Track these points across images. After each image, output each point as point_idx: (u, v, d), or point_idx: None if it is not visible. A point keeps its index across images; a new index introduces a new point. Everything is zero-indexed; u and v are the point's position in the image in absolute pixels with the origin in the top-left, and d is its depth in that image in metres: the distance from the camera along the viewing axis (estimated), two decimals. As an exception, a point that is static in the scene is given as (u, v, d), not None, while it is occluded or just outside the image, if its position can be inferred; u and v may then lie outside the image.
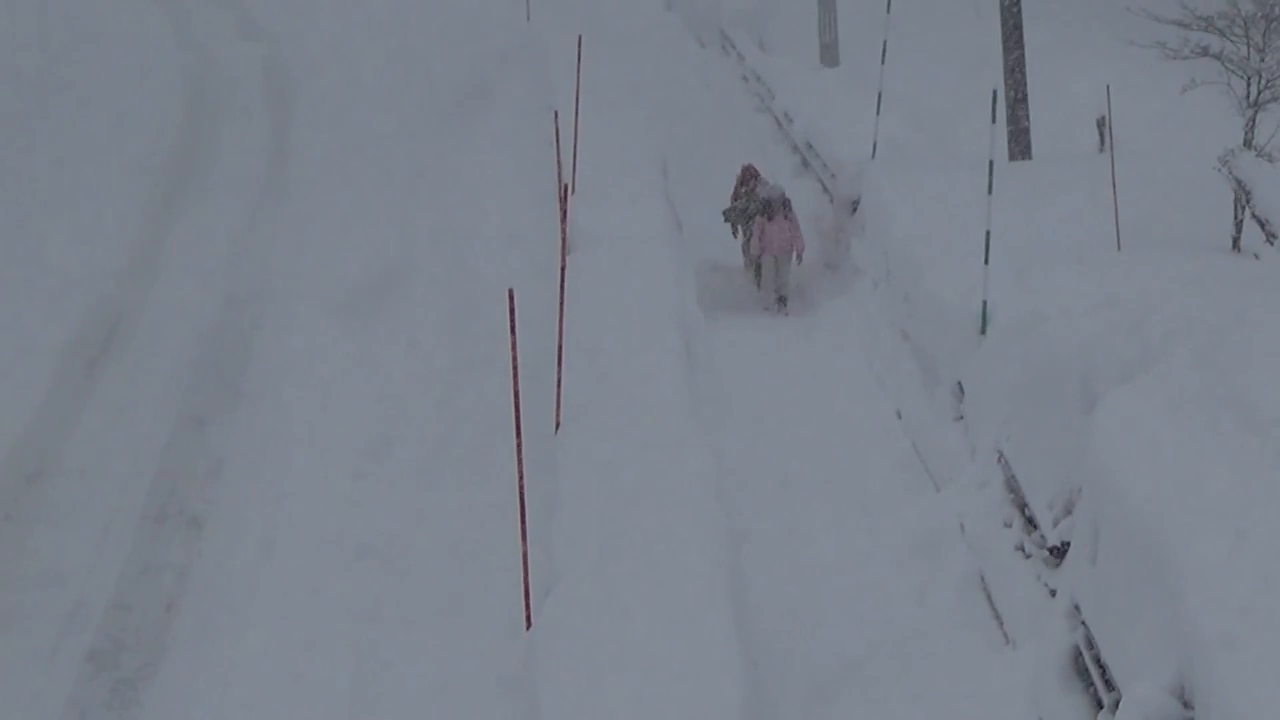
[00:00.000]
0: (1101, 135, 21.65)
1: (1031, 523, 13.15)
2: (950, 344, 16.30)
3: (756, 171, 21.81)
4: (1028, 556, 13.01)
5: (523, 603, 11.27)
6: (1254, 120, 17.49)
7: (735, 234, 21.61)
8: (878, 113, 22.16)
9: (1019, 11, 21.60)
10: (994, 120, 16.47)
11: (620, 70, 27.11)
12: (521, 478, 11.31)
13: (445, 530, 14.16)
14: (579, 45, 20.44)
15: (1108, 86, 19.02)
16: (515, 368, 11.24)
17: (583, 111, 19.54)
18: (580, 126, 19.38)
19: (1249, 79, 17.49)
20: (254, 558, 13.69)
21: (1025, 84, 21.57)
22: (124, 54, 29.74)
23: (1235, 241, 16.91)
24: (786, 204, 20.65)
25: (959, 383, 16.00)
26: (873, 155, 21.99)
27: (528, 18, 31.44)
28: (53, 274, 19.39)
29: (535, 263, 18.77)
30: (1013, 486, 13.74)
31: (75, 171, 23.39)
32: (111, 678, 12.29)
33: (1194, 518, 9.71)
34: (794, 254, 20.63)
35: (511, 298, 11.10)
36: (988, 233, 15.88)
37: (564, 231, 15.22)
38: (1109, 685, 10.44)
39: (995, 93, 16.78)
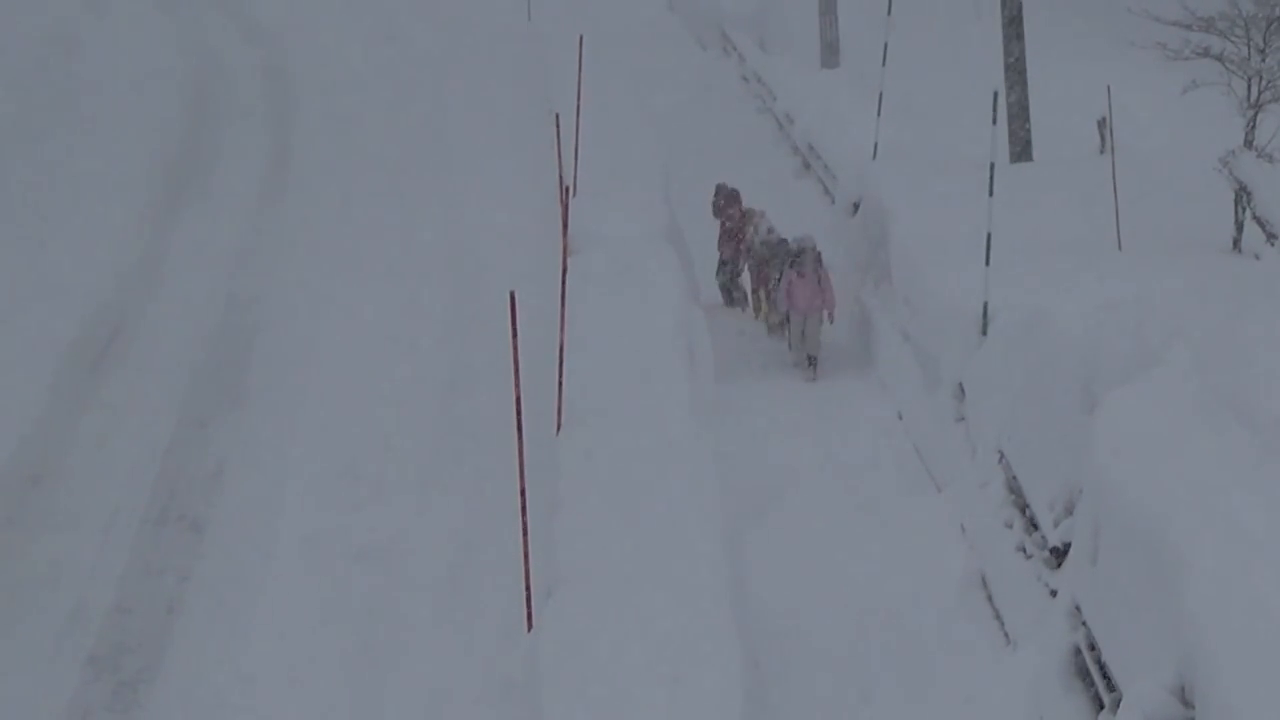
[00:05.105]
0: (1102, 136, 21.65)
1: (1032, 523, 13.16)
2: (951, 345, 16.30)
3: (732, 191, 21.48)
4: (1029, 557, 13.01)
5: (524, 604, 11.27)
6: (1254, 121, 17.51)
7: (735, 276, 21.33)
8: (879, 114, 22.16)
9: (1020, 13, 21.61)
10: (995, 122, 16.47)
11: (621, 71, 27.10)
12: (522, 479, 11.31)
13: (446, 532, 14.16)
14: (580, 46, 20.43)
15: (1108, 87, 19.03)
16: (516, 369, 11.24)
17: (583, 113, 19.53)
18: (581, 128, 19.38)
19: (1249, 80, 17.51)
20: (255, 560, 13.70)
21: (1026, 85, 21.57)
22: (124, 57, 29.75)
23: (1236, 242, 16.93)
24: (818, 258, 19.24)
25: (960, 383, 16.00)
26: (874, 157, 21.99)
27: (528, 18, 31.45)
28: (54, 277, 19.41)
29: (536, 264, 18.76)
30: (1013, 487, 13.74)
31: (77, 175, 23.40)
32: (113, 680, 12.30)
33: (1194, 518, 9.71)
34: (824, 313, 19.11)
35: (513, 300, 11.11)
36: (989, 234, 15.88)
37: (565, 233, 15.22)
38: (1110, 685, 10.45)
39: (996, 94, 16.77)
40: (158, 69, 29.00)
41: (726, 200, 21.51)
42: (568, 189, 16.96)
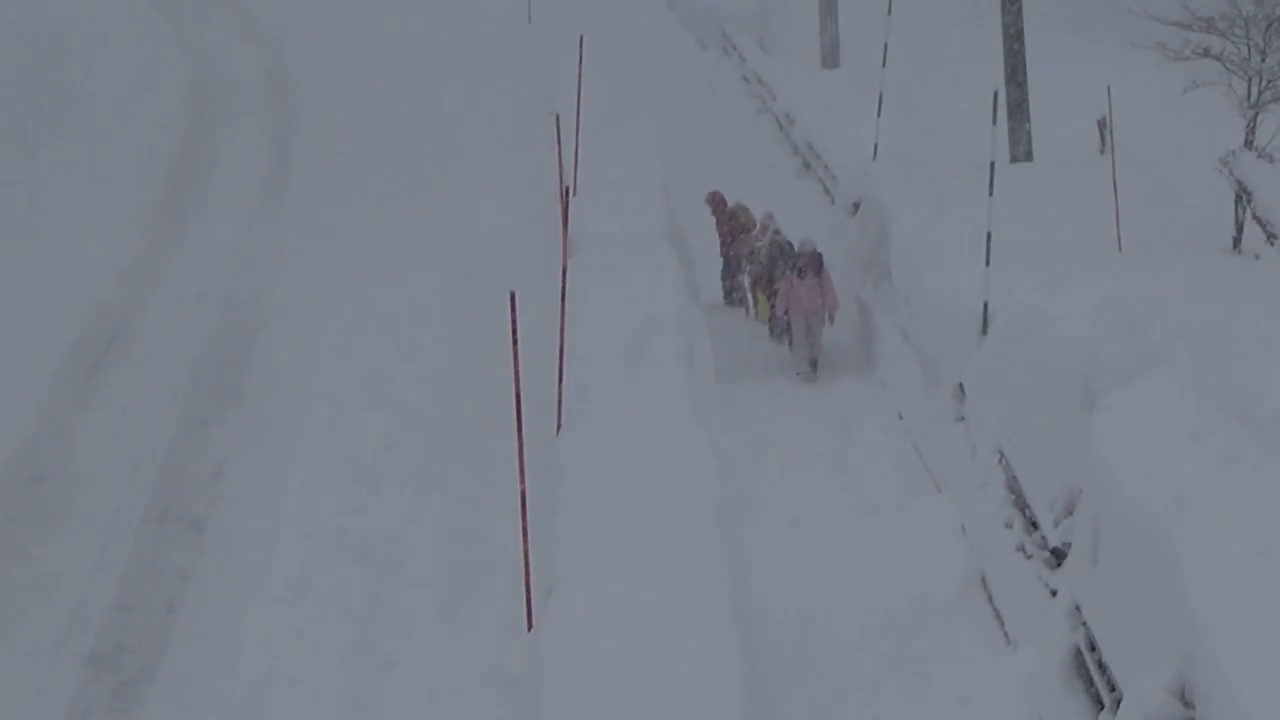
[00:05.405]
0: (1102, 137, 21.65)
1: (1032, 523, 13.16)
2: (951, 345, 16.29)
3: (723, 198, 21.54)
4: (1029, 557, 13.00)
5: (524, 604, 11.28)
6: (1255, 121, 17.50)
7: (731, 276, 21.32)
8: (879, 114, 22.14)
9: (1020, 14, 21.61)
10: (995, 122, 16.46)
11: (621, 71, 27.11)
12: (522, 479, 11.32)
13: (446, 531, 14.17)
14: (580, 46, 20.43)
15: (1108, 88, 19.02)
16: (516, 369, 11.24)
17: (584, 113, 19.54)
18: (581, 128, 19.38)
19: (1250, 80, 17.50)
20: (255, 560, 13.70)
21: (1026, 86, 21.57)
22: (125, 59, 29.76)
23: (1236, 242, 16.92)
24: (818, 261, 19.19)
25: (960, 383, 16.00)
26: (874, 157, 21.98)
27: (529, 19, 31.47)
28: (55, 277, 19.42)
29: (537, 264, 18.79)
30: (1014, 487, 13.74)
31: (77, 176, 23.41)
32: (113, 680, 12.30)
33: (1194, 517, 9.70)
34: (826, 314, 19.07)
35: (513, 300, 11.11)
36: (989, 234, 15.87)
37: (565, 233, 15.21)
38: (1110, 685, 10.45)
39: (996, 94, 16.76)
40: (158, 69, 29.00)
41: (718, 204, 21.53)
42: (568, 189, 16.96)
